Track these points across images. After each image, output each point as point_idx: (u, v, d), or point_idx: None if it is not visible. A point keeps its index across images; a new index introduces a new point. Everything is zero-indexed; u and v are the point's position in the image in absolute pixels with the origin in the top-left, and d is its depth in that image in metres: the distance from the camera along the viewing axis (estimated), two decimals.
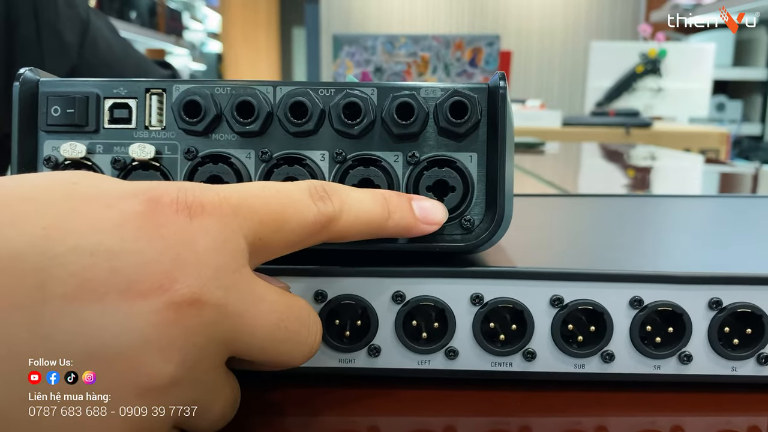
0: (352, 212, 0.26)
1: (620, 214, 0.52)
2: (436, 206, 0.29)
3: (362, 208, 0.26)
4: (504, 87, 0.29)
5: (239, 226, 0.23)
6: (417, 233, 0.28)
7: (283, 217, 0.24)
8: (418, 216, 0.28)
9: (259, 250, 0.24)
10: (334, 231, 0.26)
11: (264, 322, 0.23)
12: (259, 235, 0.24)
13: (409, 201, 0.28)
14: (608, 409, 0.30)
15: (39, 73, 0.30)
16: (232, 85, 0.30)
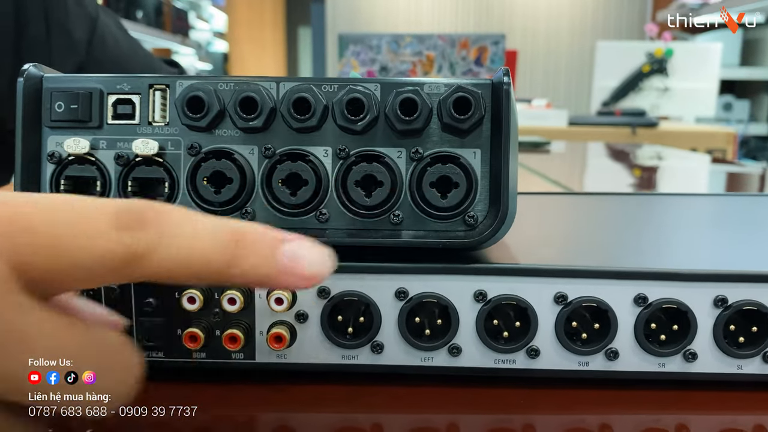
0: (172, 249, 0.20)
1: (626, 212, 0.52)
2: (316, 255, 0.22)
3: (191, 246, 0.20)
4: (508, 83, 0.29)
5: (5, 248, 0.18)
6: (280, 287, 0.22)
7: (64, 244, 0.18)
8: (284, 265, 0.21)
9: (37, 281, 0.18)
10: (146, 270, 0.19)
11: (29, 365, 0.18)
12: (30, 262, 0.18)
13: (276, 245, 0.21)
14: (612, 407, 0.30)
15: (43, 69, 0.30)
16: (235, 81, 0.30)
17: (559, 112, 2.46)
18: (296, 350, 0.30)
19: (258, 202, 0.30)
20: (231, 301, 0.29)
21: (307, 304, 0.30)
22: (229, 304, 0.29)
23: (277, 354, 0.30)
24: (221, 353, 0.30)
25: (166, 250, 0.19)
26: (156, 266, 0.20)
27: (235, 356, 0.30)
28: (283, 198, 0.30)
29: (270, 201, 0.30)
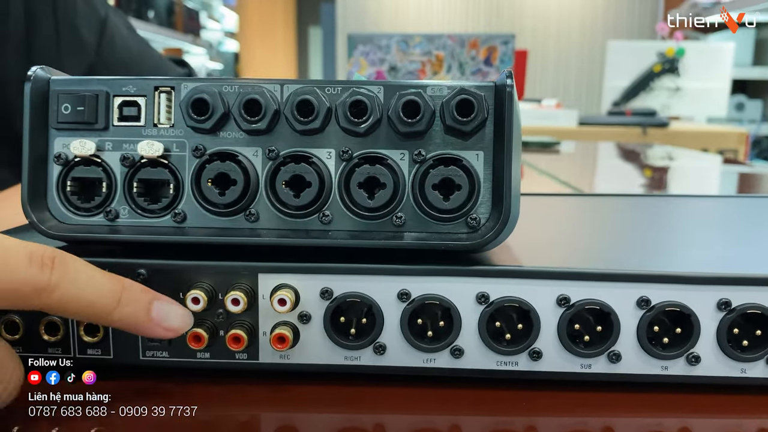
0: (72, 289, 0.25)
1: (632, 213, 0.52)
2: (179, 314, 0.28)
3: (87, 289, 0.26)
4: (511, 85, 0.29)
5: None
6: (149, 334, 0.28)
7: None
8: (153, 317, 0.27)
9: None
10: (50, 302, 0.25)
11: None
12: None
13: (151, 300, 0.28)
14: (615, 409, 0.30)
15: (50, 71, 0.31)
16: (240, 84, 0.30)
17: (569, 112, 2.45)
18: (299, 351, 0.30)
19: (262, 203, 0.30)
20: (234, 301, 0.29)
21: (310, 305, 0.30)
22: (233, 304, 0.29)
23: (280, 354, 0.30)
24: (225, 353, 0.30)
25: (65, 290, 0.25)
26: (57, 299, 0.25)
27: (238, 356, 0.30)
28: (286, 200, 0.30)
29: (274, 203, 0.30)
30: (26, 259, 0.24)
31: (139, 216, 0.31)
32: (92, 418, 0.25)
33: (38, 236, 0.30)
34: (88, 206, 0.31)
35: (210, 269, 0.30)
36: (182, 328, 0.28)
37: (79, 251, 0.31)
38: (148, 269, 0.30)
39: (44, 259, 0.25)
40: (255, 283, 0.30)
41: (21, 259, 0.24)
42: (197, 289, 0.29)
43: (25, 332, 0.30)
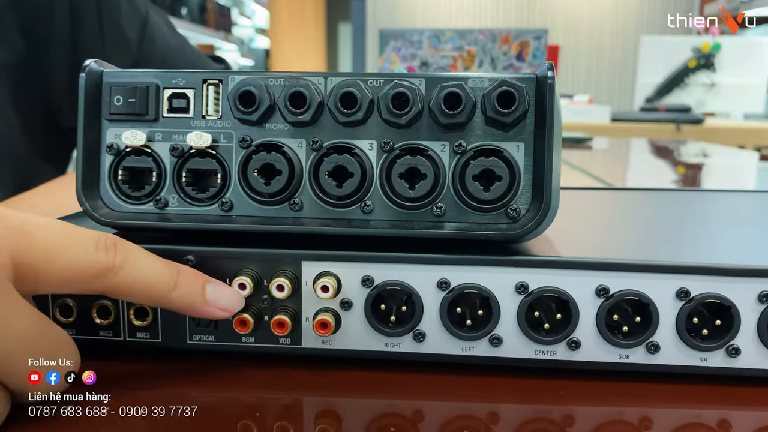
0: (134, 271, 0.27)
1: (668, 207, 0.51)
2: (231, 295, 0.30)
3: (146, 271, 0.27)
4: (552, 77, 0.29)
5: (7, 243, 0.24)
6: (204, 315, 0.29)
7: (58, 251, 0.25)
8: (208, 298, 0.29)
9: (27, 276, 0.25)
10: (112, 283, 0.26)
11: (9, 335, 0.24)
12: (27, 260, 0.25)
13: (204, 282, 0.29)
14: (653, 400, 0.30)
15: (103, 64, 0.32)
16: (285, 77, 0.31)
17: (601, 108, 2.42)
18: (341, 337, 0.31)
19: (305, 193, 0.31)
20: (279, 287, 0.30)
21: (351, 292, 0.31)
22: (278, 290, 0.30)
23: (322, 340, 0.31)
24: (269, 338, 0.31)
25: (127, 272, 0.27)
26: (118, 281, 0.27)
27: (282, 341, 0.31)
28: (329, 189, 0.31)
29: (317, 192, 0.31)
30: (93, 244, 0.26)
31: (187, 204, 0.32)
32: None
33: (91, 223, 0.31)
34: (139, 195, 0.32)
35: (255, 256, 0.31)
36: (234, 309, 0.30)
37: (130, 238, 0.32)
38: (196, 256, 0.31)
39: (107, 244, 0.26)
40: (299, 270, 0.31)
41: (88, 244, 0.26)
42: (243, 276, 0.30)
43: (78, 315, 0.31)
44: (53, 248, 0.25)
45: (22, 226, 0.25)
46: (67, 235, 0.26)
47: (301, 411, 0.30)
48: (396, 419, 0.28)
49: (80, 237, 0.26)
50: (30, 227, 0.25)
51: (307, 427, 0.28)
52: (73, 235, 0.26)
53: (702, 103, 2.78)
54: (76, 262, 0.26)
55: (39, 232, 0.25)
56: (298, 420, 0.29)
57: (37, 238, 0.25)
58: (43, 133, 0.66)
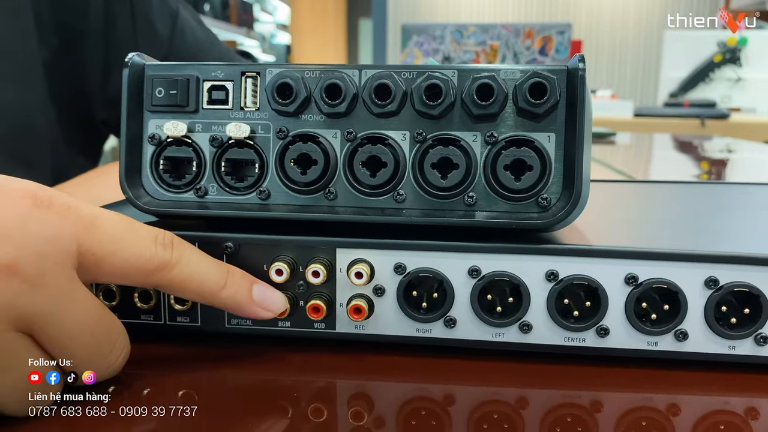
0: (188, 268, 0.28)
1: (695, 199, 0.52)
2: (276, 297, 0.31)
3: (199, 269, 0.29)
4: (583, 69, 0.29)
5: (77, 233, 0.26)
6: (250, 314, 0.30)
7: (122, 245, 0.27)
8: (255, 299, 0.30)
9: (90, 265, 0.26)
10: (167, 278, 0.28)
11: (73, 319, 0.25)
12: (93, 250, 0.26)
13: (252, 283, 0.30)
14: (680, 387, 0.30)
15: (145, 58, 0.33)
16: (321, 69, 0.32)
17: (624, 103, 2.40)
18: (373, 322, 0.32)
19: (340, 182, 0.32)
20: (315, 274, 0.31)
21: (384, 279, 0.32)
22: (314, 276, 0.31)
23: (356, 325, 0.32)
24: (304, 323, 0.32)
25: (181, 268, 0.28)
26: (173, 277, 0.28)
27: (317, 326, 0.32)
28: (363, 179, 0.31)
29: (351, 182, 0.32)
30: (152, 239, 0.28)
31: (226, 193, 0.33)
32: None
33: (134, 211, 0.33)
34: (179, 184, 0.33)
35: (292, 243, 0.32)
36: (278, 310, 0.31)
37: (171, 225, 0.33)
38: (234, 242, 0.32)
39: (165, 241, 0.28)
40: (333, 257, 0.32)
41: (148, 239, 0.28)
42: (280, 262, 0.31)
43: (121, 299, 0.33)
44: (118, 241, 0.27)
45: (92, 218, 0.26)
46: (131, 230, 0.27)
47: (334, 393, 0.31)
48: (427, 402, 0.29)
49: (142, 232, 0.28)
50: (99, 220, 0.27)
51: (341, 409, 0.29)
52: (136, 230, 0.28)
53: (727, 98, 2.75)
54: (137, 255, 0.27)
55: (106, 225, 0.27)
56: (331, 402, 0.30)
57: (104, 230, 0.26)
58: (78, 126, 0.67)
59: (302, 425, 0.27)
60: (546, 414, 0.28)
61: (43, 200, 0.25)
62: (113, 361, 0.28)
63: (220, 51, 0.74)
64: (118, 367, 0.28)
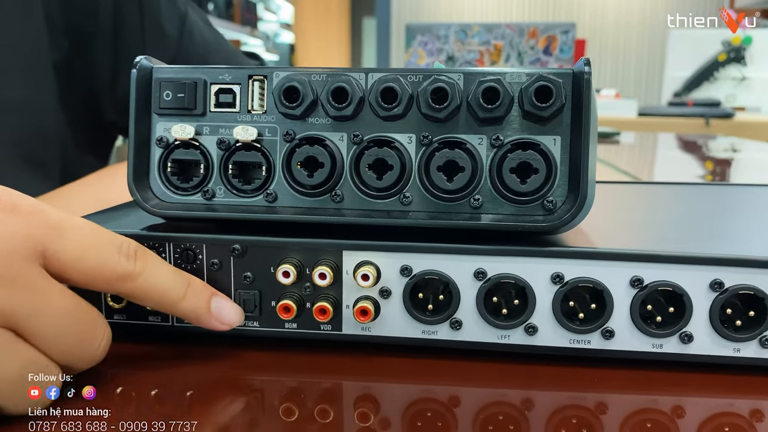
0: (150, 279, 0.29)
1: (699, 201, 0.52)
2: (233, 310, 0.31)
3: (160, 280, 0.29)
4: (589, 72, 0.30)
5: (42, 235, 0.26)
6: (206, 326, 0.31)
7: (86, 252, 0.27)
8: (212, 311, 0.31)
9: (55, 270, 0.27)
10: (129, 288, 0.28)
11: (51, 311, 0.26)
12: (57, 256, 0.27)
13: (211, 295, 0.31)
14: (686, 389, 0.31)
15: (153, 60, 0.33)
16: (328, 72, 0.32)
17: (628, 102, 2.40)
18: (379, 324, 0.32)
19: (346, 185, 0.32)
20: (321, 276, 0.31)
21: (390, 281, 0.32)
22: (320, 278, 0.31)
23: (362, 327, 0.32)
24: (311, 324, 0.32)
25: (144, 279, 0.29)
26: (136, 287, 0.29)
27: (323, 327, 0.32)
28: (369, 182, 0.32)
29: (357, 184, 0.32)
30: (116, 249, 0.28)
31: (233, 195, 0.33)
32: None
33: (141, 213, 0.33)
34: (187, 186, 0.33)
35: (299, 245, 0.32)
36: (235, 323, 0.31)
37: (179, 227, 0.33)
38: (242, 245, 0.32)
39: (129, 251, 0.29)
40: (339, 259, 0.32)
41: (113, 249, 0.28)
42: (287, 264, 0.31)
43: (129, 302, 0.33)
44: (83, 248, 0.27)
45: (58, 223, 0.27)
46: (96, 238, 0.28)
47: (340, 394, 0.31)
48: (432, 404, 0.29)
49: (107, 241, 0.28)
50: (65, 226, 0.27)
51: (347, 410, 0.29)
52: (101, 238, 0.28)
53: (732, 97, 2.74)
54: (101, 264, 0.28)
55: (72, 232, 0.27)
56: (337, 403, 0.30)
57: (69, 237, 0.27)
58: (87, 127, 0.68)
59: (308, 426, 0.27)
60: (551, 415, 0.28)
61: (7, 204, 0.26)
62: (97, 346, 0.28)
63: (228, 52, 0.74)
64: (103, 352, 0.28)
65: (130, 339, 0.34)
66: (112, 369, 0.31)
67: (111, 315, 0.33)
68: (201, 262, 0.32)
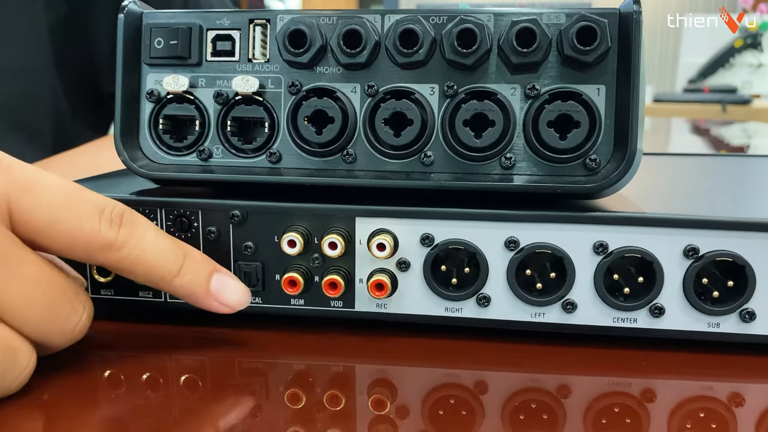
0: (136, 250, 0.25)
1: (740, 171, 0.48)
2: (238, 289, 0.27)
3: (151, 252, 0.25)
4: (638, 12, 0.26)
5: (8, 194, 0.23)
6: (204, 306, 0.27)
7: (58, 216, 0.24)
8: (212, 289, 0.27)
9: (26, 234, 0.24)
10: (114, 259, 0.25)
11: (20, 282, 0.23)
12: (27, 218, 0.23)
13: (211, 272, 0.27)
14: (746, 373, 0.27)
15: (143, 5, 0.30)
16: (339, 15, 0.28)
17: None
18: (397, 300, 0.29)
19: (360, 143, 0.29)
20: (332, 245, 0.28)
21: (409, 251, 0.28)
22: (330, 248, 0.28)
23: (377, 303, 0.29)
24: (320, 300, 0.29)
25: (129, 250, 0.25)
26: (120, 259, 0.25)
27: (334, 304, 0.29)
28: (386, 139, 0.28)
29: (372, 142, 0.29)
30: (97, 213, 0.25)
31: (232, 156, 0.30)
32: None
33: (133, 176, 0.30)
34: (181, 145, 0.30)
35: (306, 211, 0.28)
36: (238, 305, 0.27)
37: (172, 191, 0.30)
38: (242, 210, 0.29)
39: (113, 216, 0.25)
40: (352, 227, 0.28)
41: (92, 212, 0.24)
42: (293, 232, 0.28)
43: (116, 275, 0.30)
44: (56, 211, 0.24)
45: (28, 181, 0.24)
46: (73, 199, 0.24)
47: (353, 379, 0.28)
48: (456, 390, 0.26)
49: (85, 204, 0.24)
50: (36, 184, 0.24)
51: (360, 396, 0.26)
52: (79, 199, 0.24)
53: (748, 84, 2.70)
54: (77, 230, 0.24)
55: (44, 192, 0.24)
56: (350, 388, 0.27)
57: (41, 196, 0.24)
58: (85, 99, 0.66)
59: (317, 414, 0.24)
60: (591, 403, 0.25)
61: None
62: (76, 321, 0.25)
63: None
64: (83, 327, 0.25)
65: (118, 317, 0.31)
66: (99, 350, 0.28)
67: (97, 290, 0.30)
68: (196, 230, 0.29)
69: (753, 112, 2.27)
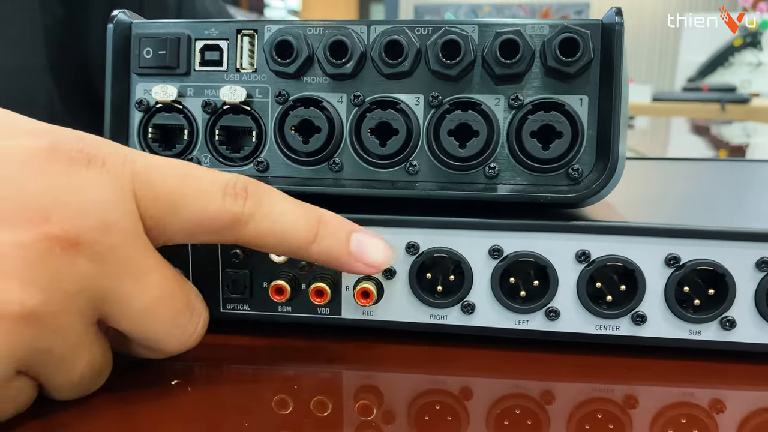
0: (267, 220, 0.24)
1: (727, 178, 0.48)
2: (380, 247, 0.26)
3: (282, 221, 0.24)
4: (620, 23, 0.26)
5: (133, 192, 0.22)
6: (347, 269, 0.26)
7: (181, 201, 0.23)
8: (352, 250, 0.25)
9: (152, 228, 0.23)
10: (242, 234, 0.24)
11: (145, 293, 0.22)
12: (150, 212, 0.22)
13: (350, 231, 0.26)
14: (726, 380, 0.27)
15: (132, 15, 0.30)
16: (325, 25, 0.28)
17: (642, 87, 2.36)
18: (383, 307, 0.29)
19: (346, 152, 0.29)
20: None
21: (395, 259, 0.29)
22: None
23: (363, 310, 0.29)
24: (307, 307, 0.29)
25: (259, 222, 0.24)
26: (251, 233, 0.24)
27: (320, 311, 0.29)
28: (372, 148, 0.28)
29: (358, 151, 0.29)
30: (220, 190, 0.23)
31: (220, 164, 0.30)
32: None
33: None
34: (170, 154, 0.30)
35: None
36: (384, 264, 0.26)
37: None
38: None
39: (237, 189, 0.24)
40: None
41: (215, 190, 0.23)
42: None
43: None
44: (177, 197, 0.23)
45: (147, 171, 0.23)
46: (192, 180, 0.23)
47: (340, 385, 0.28)
48: (442, 396, 0.26)
49: (206, 182, 0.23)
50: (153, 172, 0.23)
51: (347, 402, 0.26)
52: (198, 179, 0.23)
53: (747, 82, 2.70)
54: (202, 212, 0.23)
55: (160, 179, 0.23)
56: (336, 395, 0.27)
57: (159, 185, 0.23)
58: (81, 105, 0.66)
59: (304, 420, 0.24)
60: (574, 409, 0.25)
61: (95, 159, 0.22)
62: (194, 329, 0.24)
63: None
64: (199, 336, 0.25)
65: None
66: None
67: None
68: None
69: (752, 110, 2.26)
